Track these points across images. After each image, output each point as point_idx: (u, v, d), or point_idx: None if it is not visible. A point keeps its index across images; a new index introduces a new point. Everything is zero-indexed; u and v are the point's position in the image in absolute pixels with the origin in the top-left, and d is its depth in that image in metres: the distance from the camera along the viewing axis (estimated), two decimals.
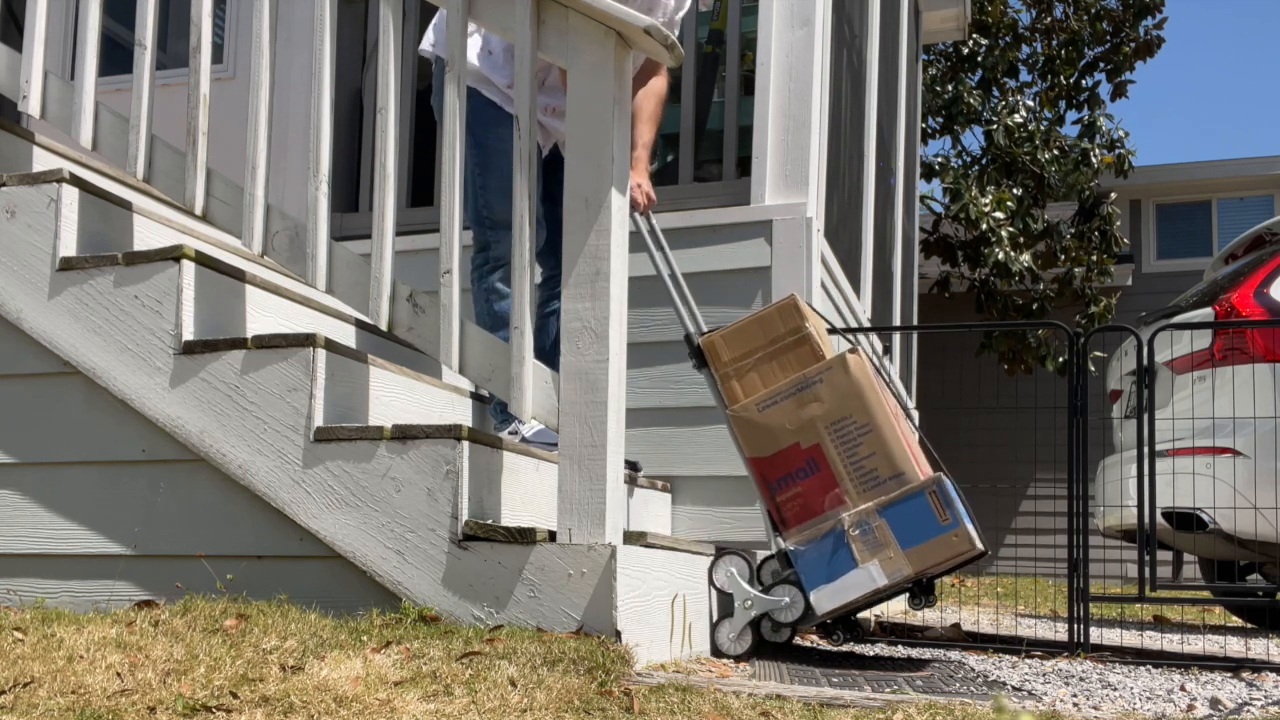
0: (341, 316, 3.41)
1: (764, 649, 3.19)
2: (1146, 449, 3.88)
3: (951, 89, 10.96)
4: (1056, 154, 10.66)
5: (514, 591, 2.60)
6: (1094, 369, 8.40)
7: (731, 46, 4.46)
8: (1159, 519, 4.42)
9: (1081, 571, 3.78)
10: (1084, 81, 11.57)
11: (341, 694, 2.05)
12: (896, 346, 6.51)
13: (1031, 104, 11.12)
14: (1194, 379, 5.23)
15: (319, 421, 2.75)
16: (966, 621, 4.75)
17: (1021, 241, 10.25)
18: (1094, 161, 10.61)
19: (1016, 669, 3.37)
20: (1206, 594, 5.50)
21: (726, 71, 4.50)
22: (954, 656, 3.69)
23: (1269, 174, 12.95)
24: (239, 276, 3.01)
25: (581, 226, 2.64)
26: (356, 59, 4.91)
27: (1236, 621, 6.02)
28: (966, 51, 11.29)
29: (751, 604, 3.17)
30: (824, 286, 4.28)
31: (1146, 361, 3.96)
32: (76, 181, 2.96)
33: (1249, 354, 5.03)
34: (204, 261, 2.90)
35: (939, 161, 10.87)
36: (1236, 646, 4.28)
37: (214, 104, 3.05)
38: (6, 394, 2.98)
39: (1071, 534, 3.81)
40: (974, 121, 11.01)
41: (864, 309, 5.47)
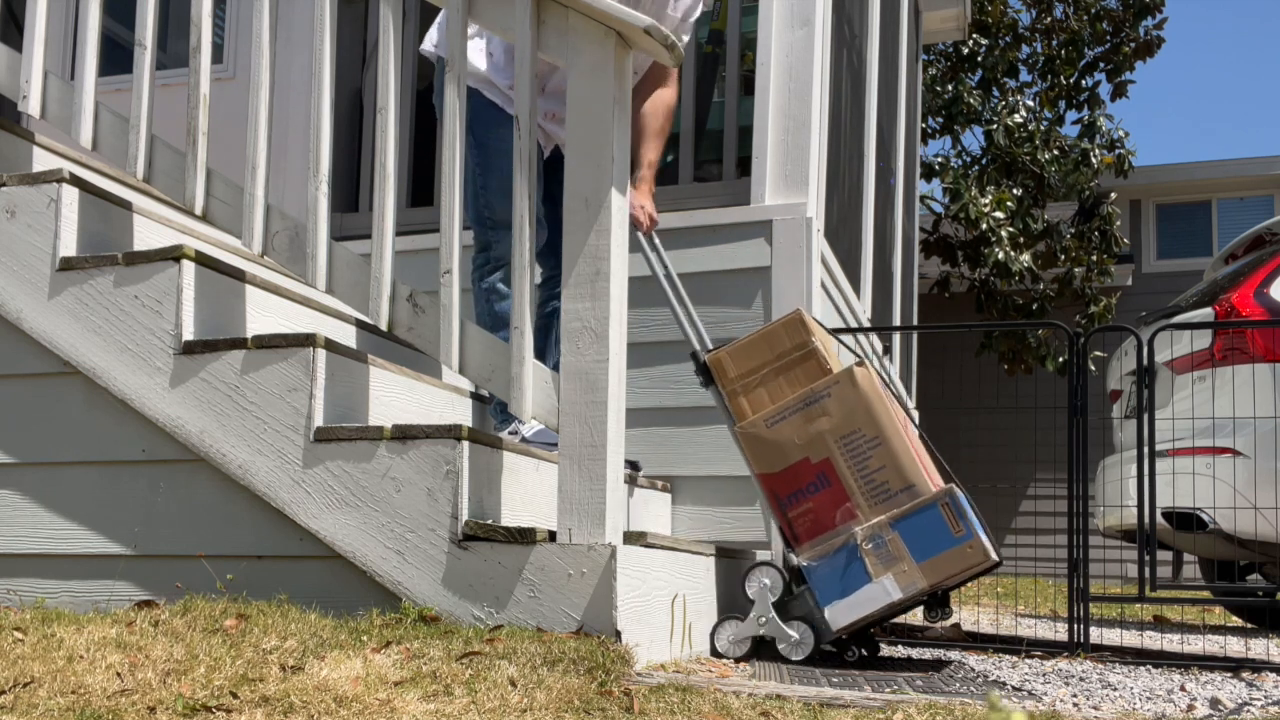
0: (341, 316, 3.41)
1: (764, 649, 3.19)
2: (1146, 449, 3.88)
3: (951, 89, 10.96)
4: (1056, 154, 10.65)
5: (514, 591, 2.60)
6: (1094, 369, 8.40)
7: (731, 46, 4.46)
8: (1159, 519, 4.42)
9: (1081, 571, 3.78)
10: (1084, 81, 11.57)
11: (341, 694, 2.05)
12: (896, 346, 6.51)
13: (1031, 104, 11.12)
14: (1194, 379, 5.23)
15: (319, 421, 2.75)
16: (966, 621, 4.75)
17: (1021, 241, 10.25)
18: (1094, 161, 10.61)
19: (1016, 669, 3.37)
20: (1206, 594, 5.50)
21: (726, 71, 4.49)
22: (954, 656, 3.69)
23: (1269, 174, 12.96)
24: (239, 276, 3.01)
25: (581, 226, 2.64)
26: (356, 59, 4.91)
27: (1236, 621, 6.02)
28: (966, 51, 11.29)
29: (766, 624, 3.16)
30: (824, 286, 4.28)
31: (1146, 361, 3.96)
32: (76, 181, 2.96)
33: (1249, 354, 5.03)
34: (204, 261, 2.90)
35: (939, 161, 10.86)
36: (1236, 646, 4.28)
37: (214, 104, 3.05)
38: (6, 394, 2.98)
39: (1071, 534, 3.82)
40: (974, 121, 11.01)
41: (864, 309, 5.47)
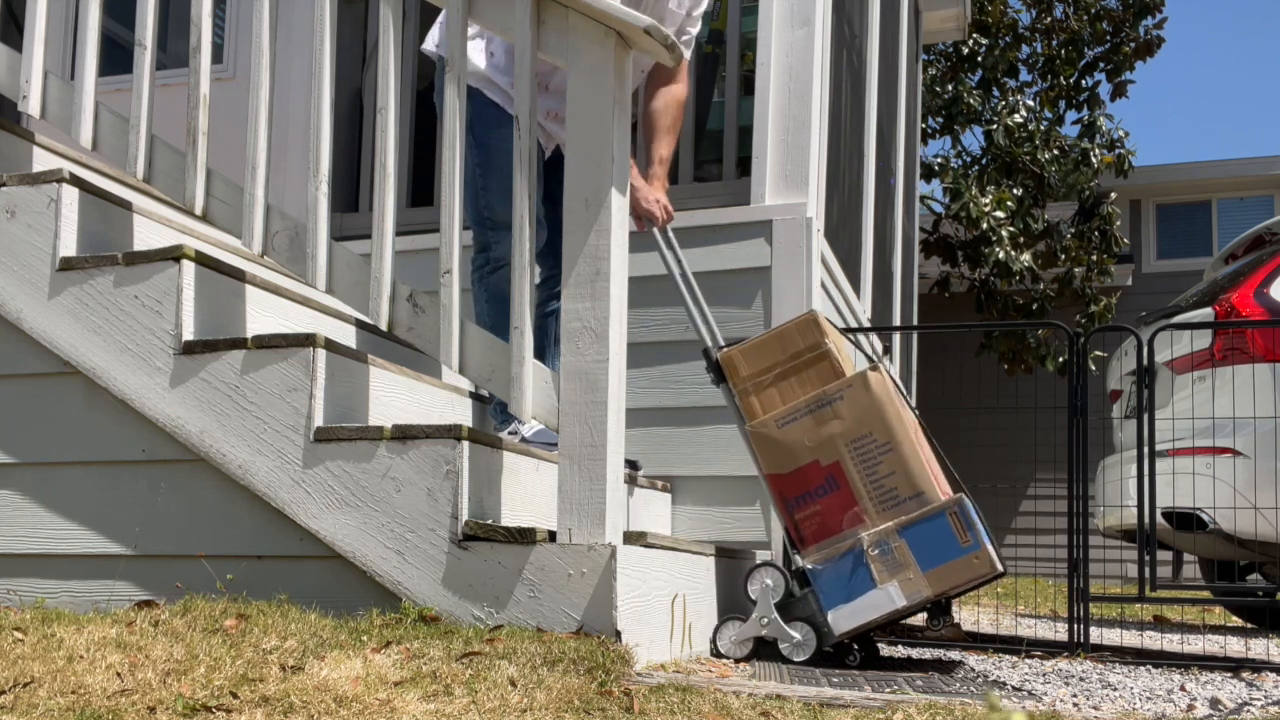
0: (341, 316, 3.41)
1: (764, 649, 3.19)
2: (1146, 449, 3.88)
3: (951, 89, 10.96)
4: (1056, 154, 10.65)
5: (514, 591, 2.60)
6: (1094, 369, 8.41)
7: (731, 46, 4.46)
8: (1159, 519, 4.42)
9: (1081, 571, 3.78)
10: (1084, 81, 11.57)
11: (341, 694, 2.05)
12: (896, 346, 6.50)
13: (1031, 104, 11.11)
14: (1194, 379, 5.23)
15: (319, 421, 2.75)
16: (966, 621, 4.75)
17: (1022, 241, 10.25)
18: (1094, 161, 10.60)
19: (1016, 669, 3.37)
20: (1206, 594, 5.51)
21: (726, 71, 4.49)
22: (954, 656, 3.69)
23: (1269, 174, 12.95)
24: (239, 276, 3.01)
25: (582, 226, 2.64)
26: (356, 59, 4.91)
27: (1236, 621, 6.02)
28: (966, 51, 11.28)
29: (768, 625, 3.15)
30: (824, 286, 4.28)
31: (1146, 361, 3.96)
32: (76, 181, 2.96)
33: (1249, 354, 5.03)
34: (204, 261, 2.90)
35: (939, 161, 10.86)
36: (1236, 646, 4.28)
37: (214, 104, 3.05)
38: (6, 394, 2.98)
39: (1071, 534, 3.82)
40: (974, 121, 11.00)
41: (864, 309, 5.47)
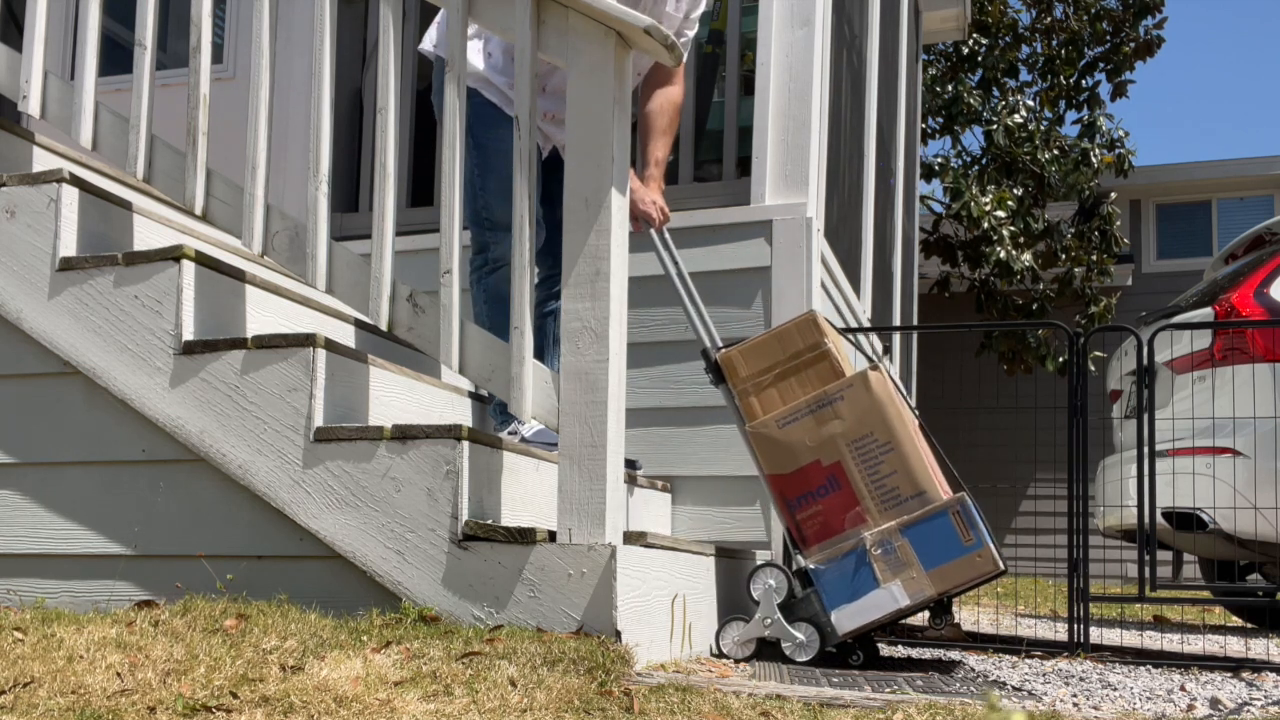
0: (341, 316, 3.41)
1: (764, 649, 3.19)
2: (1146, 449, 3.88)
3: (951, 89, 10.96)
4: (1056, 154, 10.65)
5: (514, 591, 2.60)
6: (1094, 369, 8.40)
7: (731, 46, 4.46)
8: (1159, 519, 4.42)
9: (1081, 571, 3.78)
10: (1084, 81, 11.57)
11: (341, 694, 2.05)
12: (896, 346, 6.50)
13: (1031, 104, 11.11)
14: (1194, 379, 5.23)
15: (319, 421, 2.75)
16: (967, 621, 4.75)
17: (1022, 241, 10.25)
18: (1094, 161, 10.60)
19: (1016, 669, 3.37)
20: (1206, 594, 5.51)
21: (726, 71, 4.49)
22: (954, 656, 3.69)
23: (1269, 174, 12.95)
24: (239, 276, 3.01)
25: (581, 226, 2.64)
26: (356, 59, 4.91)
27: (1236, 621, 6.02)
28: (966, 51, 11.29)
29: (771, 625, 3.15)
30: (824, 286, 4.28)
31: (1146, 361, 3.96)
32: (76, 181, 2.96)
33: (1249, 354, 5.03)
34: (204, 261, 2.90)
35: (939, 161, 10.86)
36: (1236, 646, 4.28)
37: (214, 104, 3.05)
38: (6, 394, 2.98)
39: (1071, 534, 3.82)
40: (974, 121, 11.00)
41: (864, 309, 5.47)
